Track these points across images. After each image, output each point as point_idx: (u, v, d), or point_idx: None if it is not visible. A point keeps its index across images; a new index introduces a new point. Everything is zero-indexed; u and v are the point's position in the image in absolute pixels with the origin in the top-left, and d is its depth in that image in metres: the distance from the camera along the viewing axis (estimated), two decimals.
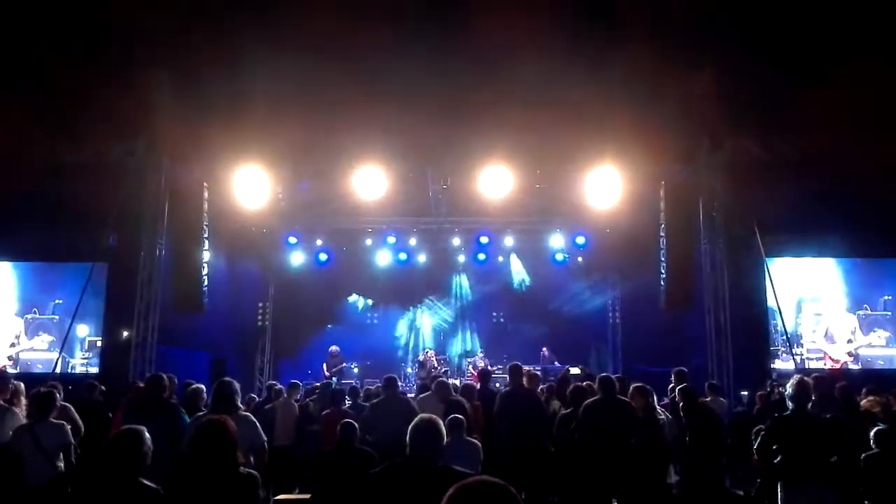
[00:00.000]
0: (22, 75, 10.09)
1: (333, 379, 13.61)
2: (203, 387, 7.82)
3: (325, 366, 14.86)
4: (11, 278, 13.84)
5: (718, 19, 9.08)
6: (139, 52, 9.65)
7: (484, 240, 15.77)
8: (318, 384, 11.11)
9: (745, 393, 10.89)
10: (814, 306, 13.85)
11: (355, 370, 16.32)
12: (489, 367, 12.89)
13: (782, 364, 13.11)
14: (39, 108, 10.41)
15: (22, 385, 6.49)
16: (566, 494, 7.27)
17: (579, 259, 16.65)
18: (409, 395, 9.79)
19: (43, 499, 5.51)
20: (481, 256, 16.48)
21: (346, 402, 8.55)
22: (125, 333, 12.01)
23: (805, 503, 4.72)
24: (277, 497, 7.12)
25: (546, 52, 9.08)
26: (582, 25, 9.09)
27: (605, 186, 11.11)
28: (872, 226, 12.84)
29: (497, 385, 11.68)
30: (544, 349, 15.49)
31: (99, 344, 13.36)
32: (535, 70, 9.32)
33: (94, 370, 12.94)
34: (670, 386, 8.57)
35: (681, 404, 7.17)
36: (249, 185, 11.06)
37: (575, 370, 11.55)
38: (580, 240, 15.64)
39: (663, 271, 11.90)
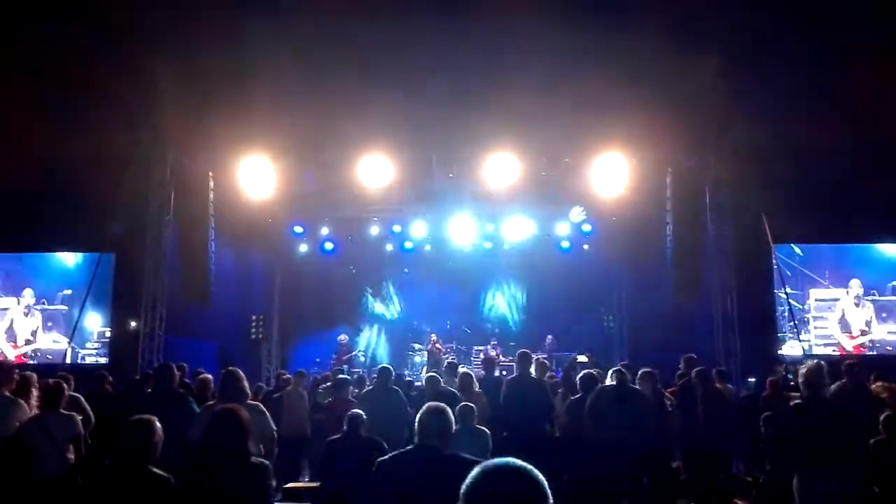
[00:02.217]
0: (27, 67, 10.09)
1: (345, 367, 13.68)
2: (210, 376, 7.86)
3: (334, 355, 14.94)
4: (21, 270, 13.92)
5: (727, 7, 9.01)
6: (144, 42, 9.63)
7: (489, 228, 15.70)
8: (328, 373, 11.13)
9: (753, 379, 10.87)
10: (822, 293, 13.79)
11: (363, 359, 16.38)
12: (497, 356, 12.89)
13: (790, 350, 13.08)
14: (45, 100, 10.43)
15: (34, 376, 6.48)
16: (571, 481, 7.28)
17: (585, 247, 16.56)
18: (417, 384, 9.83)
19: (54, 490, 5.53)
20: (487, 245, 16.42)
21: (353, 391, 8.56)
22: (133, 324, 12.07)
23: (820, 492, 4.69)
24: (286, 485, 7.15)
25: (553, 39, 9.02)
26: (590, 12, 9.02)
27: (612, 174, 11.05)
28: (877, 212, 12.76)
29: (503, 373, 11.70)
30: (549, 337, 15.47)
31: (108, 334, 13.43)
32: (542, 57, 9.27)
33: (104, 360, 13.02)
34: (678, 373, 8.57)
35: (699, 390, 7.21)
36: (255, 175, 11.06)
37: (582, 358, 11.55)
38: (586, 227, 15.56)
39: (670, 259, 11.85)
